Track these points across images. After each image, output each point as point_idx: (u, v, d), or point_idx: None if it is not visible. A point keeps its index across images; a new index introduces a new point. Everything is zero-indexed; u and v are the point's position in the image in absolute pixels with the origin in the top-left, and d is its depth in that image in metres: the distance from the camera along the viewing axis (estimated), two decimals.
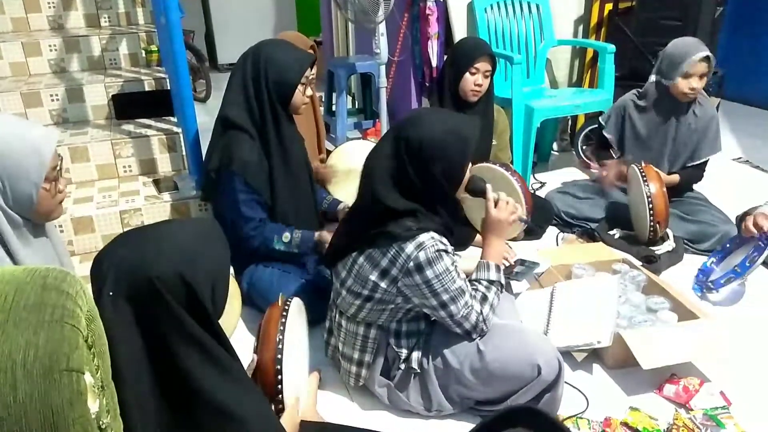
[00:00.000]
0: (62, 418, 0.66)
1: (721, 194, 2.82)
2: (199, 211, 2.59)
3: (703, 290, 2.21)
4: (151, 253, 0.98)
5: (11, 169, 1.26)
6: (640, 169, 2.41)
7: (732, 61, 4.28)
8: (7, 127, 1.28)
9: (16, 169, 1.26)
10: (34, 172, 1.28)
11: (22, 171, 1.27)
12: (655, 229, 2.38)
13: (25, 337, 0.66)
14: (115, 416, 0.85)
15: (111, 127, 2.87)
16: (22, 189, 1.28)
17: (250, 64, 1.99)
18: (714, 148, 2.59)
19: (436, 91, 2.51)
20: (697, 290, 2.24)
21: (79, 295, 0.74)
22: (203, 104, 4.72)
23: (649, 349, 1.71)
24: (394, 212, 1.47)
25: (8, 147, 1.25)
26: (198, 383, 0.96)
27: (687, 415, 1.63)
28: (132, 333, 0.95)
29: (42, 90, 2.82)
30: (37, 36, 3.15)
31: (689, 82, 2.44)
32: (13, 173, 1.26)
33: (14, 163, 1.25)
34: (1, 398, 0.63)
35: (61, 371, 0.66)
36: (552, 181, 3.24)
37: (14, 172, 1.26)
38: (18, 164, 1.26)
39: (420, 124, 1.48)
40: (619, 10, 3.53)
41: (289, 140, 2.08)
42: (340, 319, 1.67)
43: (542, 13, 3.43)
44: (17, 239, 1.30)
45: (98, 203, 2.51)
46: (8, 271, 0.74)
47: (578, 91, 3.54)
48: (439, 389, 1.60)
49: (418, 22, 3.40)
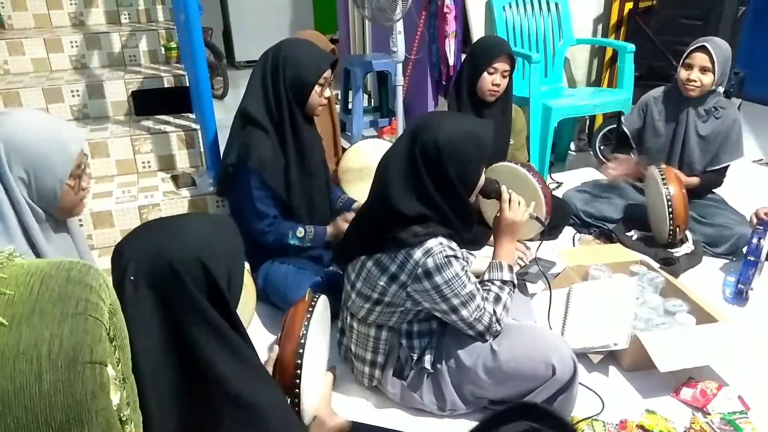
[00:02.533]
0: (86, 410, 0.67)
1: (741, 196, 2.78)
2: (217, 207, 2.61)
3: (744, 296, 2.17)
4: (171, 240, 1.00)
5: (38, 162, 1.28)
6: (660, 170, 2.38)
7: (753, 62, 4.21)
8: (37, 122, 1.30)
9: (42, 162, 1.28)
10: (59, 168, 1.30)
11: (48, 165, 1.29)
12: (674, 231, 2.35)
13: (49, 329, 0.67)
14: (135, 408, 0.87)
15: (130, 123, 2.90)
16: (46, 183, 1.30)
17: (270, 61, 2.00)
18: (735, 154, 2.54)
19: (454, 90, 2.50)
20: (729, 301, 2.20)
21: (102, 289, 0.75)
22: (220, 101, 4.76)
23: (666, 351, 1.69)
24: (404, 217, 1.46)
25: (37, 141, 1.28)
26: (217, 371, 0.97)
27: (704, 419, 1.61)
28: (152, 318, 0.96)
29: (63, 86, 2.86)
30: (58, 32, 3.20)
31: (688, 73, 2.43)
32: (39, 167, 1.28)
33: (41, 156, 1.28)
34: (26, 388, 0.64)
35: (85, 363, 0.67)
36: (568, 182, 3.22)
37: (40, 165, 1.28)
38: (44, 158, 1.28)
39: (436, 128, 1.47)
40: (639, 9, 3.49)
41: (306, 139, 2.08)
42: (352, 321, 1.67)
43: (561, 11, 3.40)
44: (41, 233, 1.32)
45: (117, 198, 2.54)
46: (33, 264, 0.76)
47: (597, 90, 3.51)
48: (452, 389, 1.60)
49: (435, 20, 3.39)
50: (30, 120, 1.31)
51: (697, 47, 2.42)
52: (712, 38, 2.46)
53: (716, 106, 2.50)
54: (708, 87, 2.44)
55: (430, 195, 1.46)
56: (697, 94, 2.46)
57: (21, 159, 1.26)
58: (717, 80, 2.43)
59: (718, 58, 2.39)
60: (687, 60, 2.45)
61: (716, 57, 2.39)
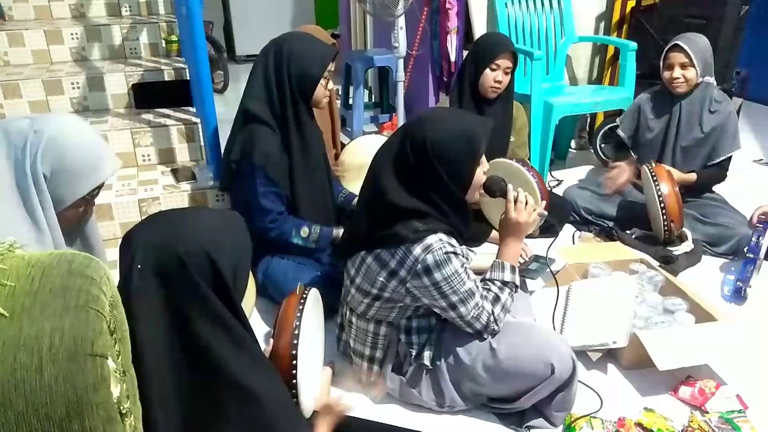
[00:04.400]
0: (86, 403, 0.67)
1: (741, 196, 2.78)
2: (216, 201, 2.60)
3: (742, 294, 2.18)
4: (180, 231, 1.01)
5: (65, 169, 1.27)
6: (650, 169, 2.39)
7: (756, 62, 4.20)
8: (84, 136, 1.31)
9: (69, 173, 1.27)
10: (80, 185, 1.30)
11: (71, 178, 1.28)
12: (669, 228, 2.36)
13: (50, 321, 0.67)
14: (135, 401, 0.87)
15: (131, 116, 2.89)
16: (61, 192, 1.29)
17: (272, 56, 1.99)
18: (733, 146, 2.55)
19: (455, 87, 2.49)
20: (727, 299, 2.21)
21: (104, 281, 0.75)
22: (221, 95, 4.74)
23: (665, 350, 1.69)
24: (400, 210, 1.46)
25: (75, 151, 1.28)
26: (220, 361, 0.97)
27: (702, 417, 1.61)
28: (156, 307, 0.96)
29: (63, 78, 2.85)
30: (59, 24, 3.18)
31: (670, 72, 2.49)
32: (64, 174, 1.27)
33: (70, 167, 1.27)
34: (27, 380, 0.64)
35: (86, 356, 0.67)
36: (569, 179, 3.21)
37: (66, 174, 1.27)
38: (72, 170, 1.28)
39: (428, 125, 1.46)
40: (641, 7, 3.48)
41: (309, 134, 2.08)
42: (351, 316, 1.67)
43: (563, 8, 3.39)
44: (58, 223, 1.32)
45: (117, 191, 2.53)
46: (34, 256, 0.75)
47: (598, 88, 3.51)
48: (451, 385, 1.60)
49: (437, 16, 3.38)
50: (79, 130, 1.31)
51: (671, 47, 2.50)
52: (684, 35, 2.51)
53: (712, 100, 2.52)
54: (694, 80, 2.49)
55: (422, 191, 1.46)
56: (686, 89, 2.52)
57: (52, 159, 1.26)
58: (702, 72, 2.48)
59: (694, 51, 2.44)
60: (666, 61, 2.52)
61: (691, 51, 2.44)
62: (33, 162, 1.24)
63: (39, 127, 1.26)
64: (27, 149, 1.24)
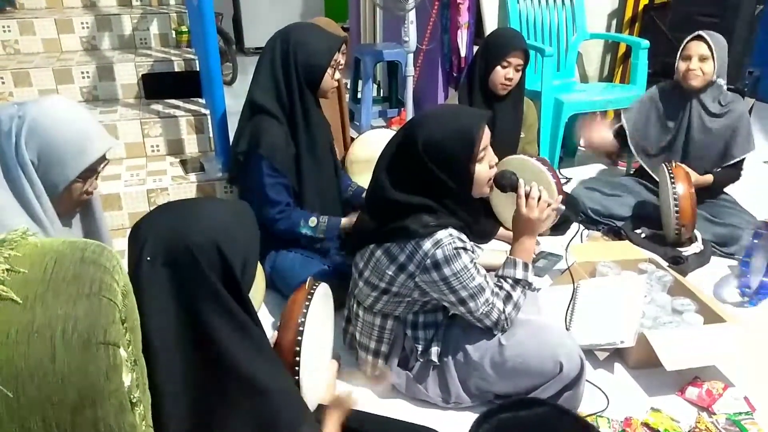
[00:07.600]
0: (99, 391, 0.67)
1: (752, 197, 2.75)
2: (225, 192, 2.60)
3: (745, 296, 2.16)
4: (190, 222, 1.01)
5: (50, 153, 1.23)
6: (668, 168, 2.36)
7: None
8: (67, 116, 1.26)
9: (54, 156, 1.24)
10: (69, 167, 1.26)
11: (59, 161, 1.24)
12: (680, 230, 2.34)
13: (64, 309, 0.67)
14: (144, 390, 0.87)
15: (140, 106, 2.90)
16: (51, 177, 1.26)
17: (279, 47, 1.98)
18: (747, 147, 2.52)
19: (465, 82, 2.48)
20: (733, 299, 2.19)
21: (116, 270, 0.75)
22: (229, 87, 4.73)
23: (673, 350, 1.69)
24: (408, 206, 1.45)
25: (57, 133, 1.23)
26: (229, 354, 0.97)
27: (709, 419, 1.61)
28: (166, 298, 0.96)
29: (73, 67, 2.86)
30: (69, 13, 3.19)
31: (687, 64, 2.44)
32: (50, 158, 1.24)
33: (55, 150, 1.24)
34: (40, 367, 0.64)
35: (98, 344, 0.67)
36: (577, 177, 3.20)
37: (52, 158, 1.24)
38: (57, 153, 1.24)
39: (423, 125, 1.47)
40: (654, 5, 3.46)
41: (316, 125, 2.07)
42: (358, 309, 1.67)
43: (575, 5, 3.37)
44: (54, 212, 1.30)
45: (126, 181, 2.54)
46: (47, 243, 0.75)
47: (609, 86, 3.48)
48: (458, 382, 1.59)
49: (448, 11, 3.36)
50: (61, 111, 1.26)
51: (693, 37, 2.45)
52: (706, 31, 2.47)
53: (721, 101, 2.49)
54: (710, 76, 2.44)
55: (424, 188, 1.45)
56: (699, 83, 2.45)
57: (36, 144, 1.22)
58: (717, 70, 2.43)
59: (716, 46, 2.40)
60: (684, 52, 2.47)
61: (714, 45, 2.40)
62: (18, 149, 1.20)
63: (22, 112, 1.22)
64: (12, 137, 1.20)
